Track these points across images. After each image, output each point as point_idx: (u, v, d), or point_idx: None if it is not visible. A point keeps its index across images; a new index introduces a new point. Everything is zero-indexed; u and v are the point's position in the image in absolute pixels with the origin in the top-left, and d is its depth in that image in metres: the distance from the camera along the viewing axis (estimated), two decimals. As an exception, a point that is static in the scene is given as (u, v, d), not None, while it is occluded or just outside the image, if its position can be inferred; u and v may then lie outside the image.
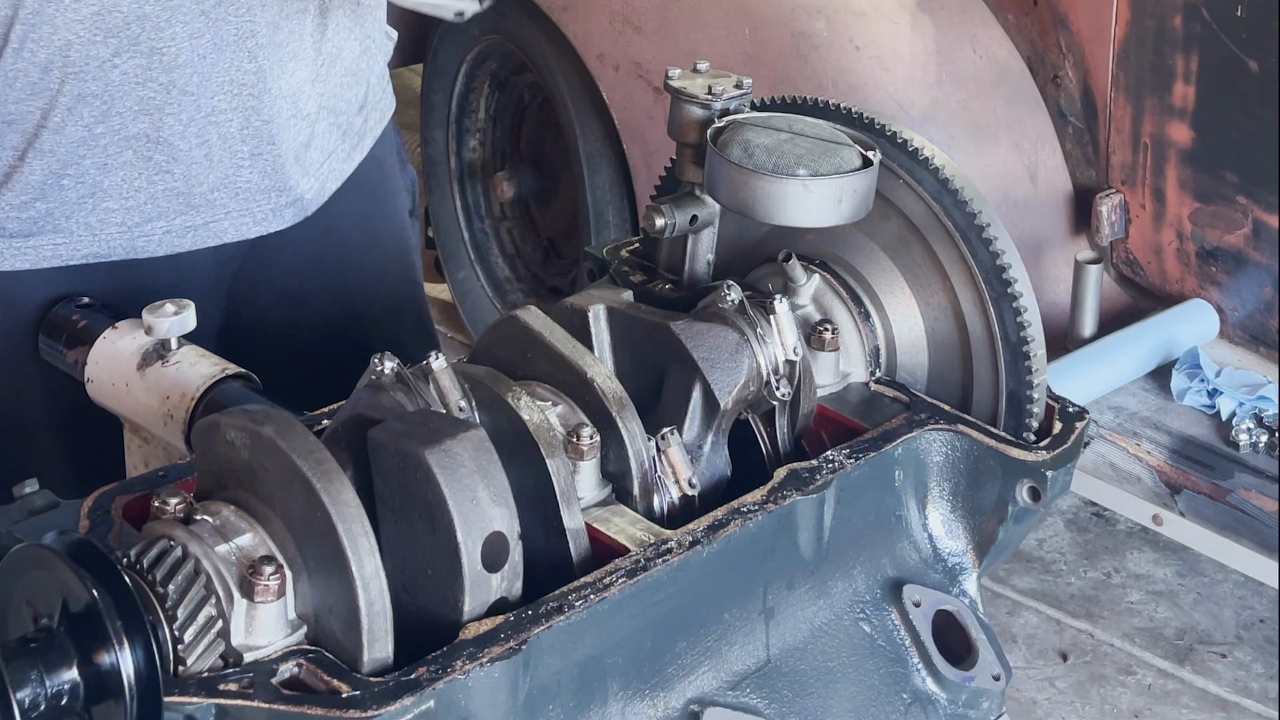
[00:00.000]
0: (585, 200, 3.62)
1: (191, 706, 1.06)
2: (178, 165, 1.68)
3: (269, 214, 1.76)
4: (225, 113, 1.69)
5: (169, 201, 1.70)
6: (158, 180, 1.68)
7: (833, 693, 1.31)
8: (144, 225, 1.70)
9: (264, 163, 1.73)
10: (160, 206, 1.70)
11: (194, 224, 1.72)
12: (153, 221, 1.70)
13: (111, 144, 1.65)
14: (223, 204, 1.73)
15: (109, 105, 1.63)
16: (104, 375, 1.61)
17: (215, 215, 1.73)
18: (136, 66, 1.63)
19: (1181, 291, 3.15)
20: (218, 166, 1.70)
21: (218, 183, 1.71)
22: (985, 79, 3.22)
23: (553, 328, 1.33)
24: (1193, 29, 2.94)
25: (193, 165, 1.69)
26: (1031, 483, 1.37)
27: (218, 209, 1.72)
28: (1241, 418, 2.93)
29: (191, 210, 1.71)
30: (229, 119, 1.69)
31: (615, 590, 1.17)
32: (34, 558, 1.09)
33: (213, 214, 1.72)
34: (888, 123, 1.41)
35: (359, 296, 1.91)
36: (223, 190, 1.72)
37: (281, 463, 1.11)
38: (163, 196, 1.69)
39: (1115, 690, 3.13)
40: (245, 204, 1.74)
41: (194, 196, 1.70)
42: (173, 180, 1.69)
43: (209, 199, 1.71)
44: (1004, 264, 1.38)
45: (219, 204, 1.72)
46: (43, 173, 1.65)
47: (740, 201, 1.35)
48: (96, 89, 1.63)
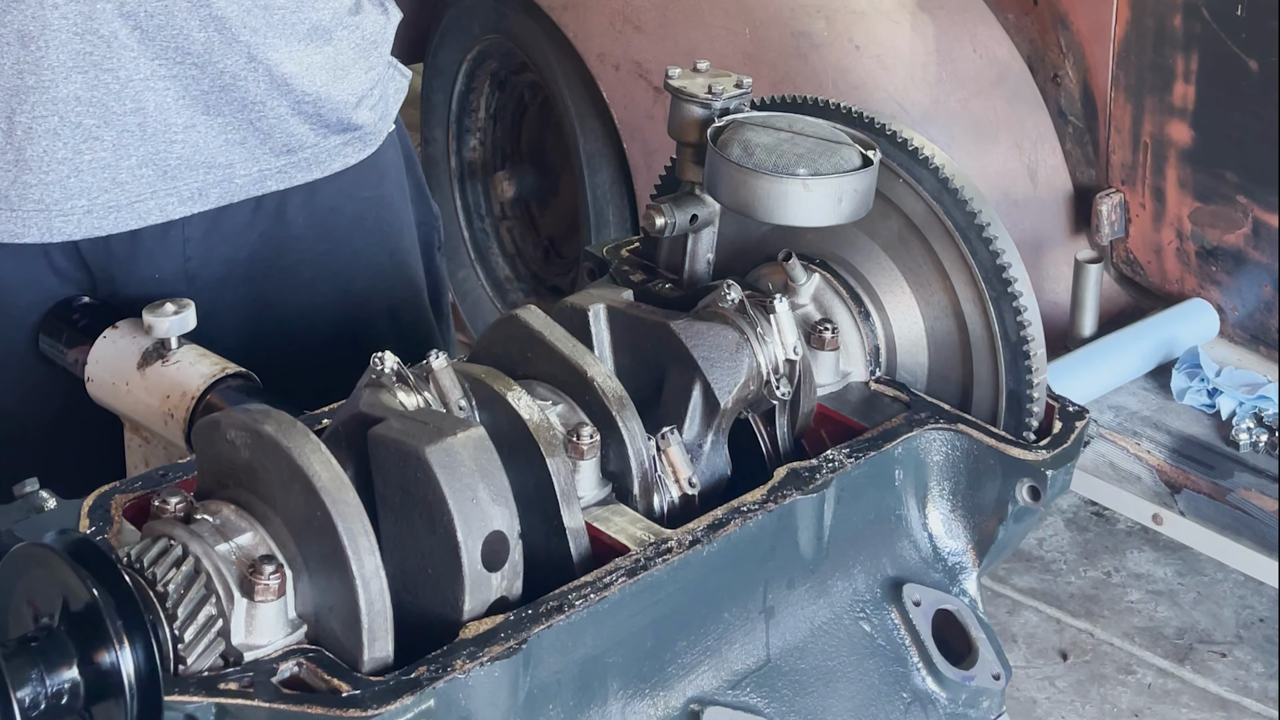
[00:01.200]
0: (585, 200, 3.62)
1: (192, 705, 1.06)
2: (108, 132, 1.61)
3: (195, 193, 1.68)
4: (165, 80, 1.61)
5: (94, 176, 1.62)
6: (84, 150, 1.61)
7: (833, 692, 1.31)
8: (64, 203, 1.62)
9: (197, 135, 1.65)
10: (84, 181, 1.62)
11: (117, 203, 1.64)
12: (74, 199, 1.63)
13: (40, 102, 1.58)
14: (148, 181, 1.65)
15: (43, 53, 1.56)
16: (104, 374, 1.61)
17: (140, 194, 1.65)
18: (77, 13, 1.56)
19: (1181, 291, 3.15)
20: (150, 139, 1.63)
21: (147, 157, 1.63)
22: (985, 79, 3.22)
23: (553, 327, 1.33)
24: (1193, 29, 2.94)
25: (124, 134, 1.61)
26: (1031, 482, 1.37)
27: (143, 186, 1.65)
28: (1241, 417, 2.93)
29: (116, 188, 1.63)
30: (168, 86, 1.62)
31: (615, 589, 1.17)
32: (34, 557, 1.09)
33: (138, 192, 1.65)
34: (888, 122, 1.42)
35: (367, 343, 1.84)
36: (150, 166, 1.64)
37: (282, 462, 1.11)
38: (87, 169, 1.62)
39: (1115, 690, 3.13)
40: (172, 183, 1.66)
41: (120, 171, 1.63)
42: (100, 150, 1.61)
43: (135, 174, 1.64)
44: (1004, 264, 1.38)
45: (144, 181, 1.64)
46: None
47: (740, 201, 1.35)
48: (33, 29, 1.55)
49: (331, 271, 1.83)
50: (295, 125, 1.72)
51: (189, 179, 1.67)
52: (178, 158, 1.66)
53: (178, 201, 1.68)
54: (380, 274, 1.89)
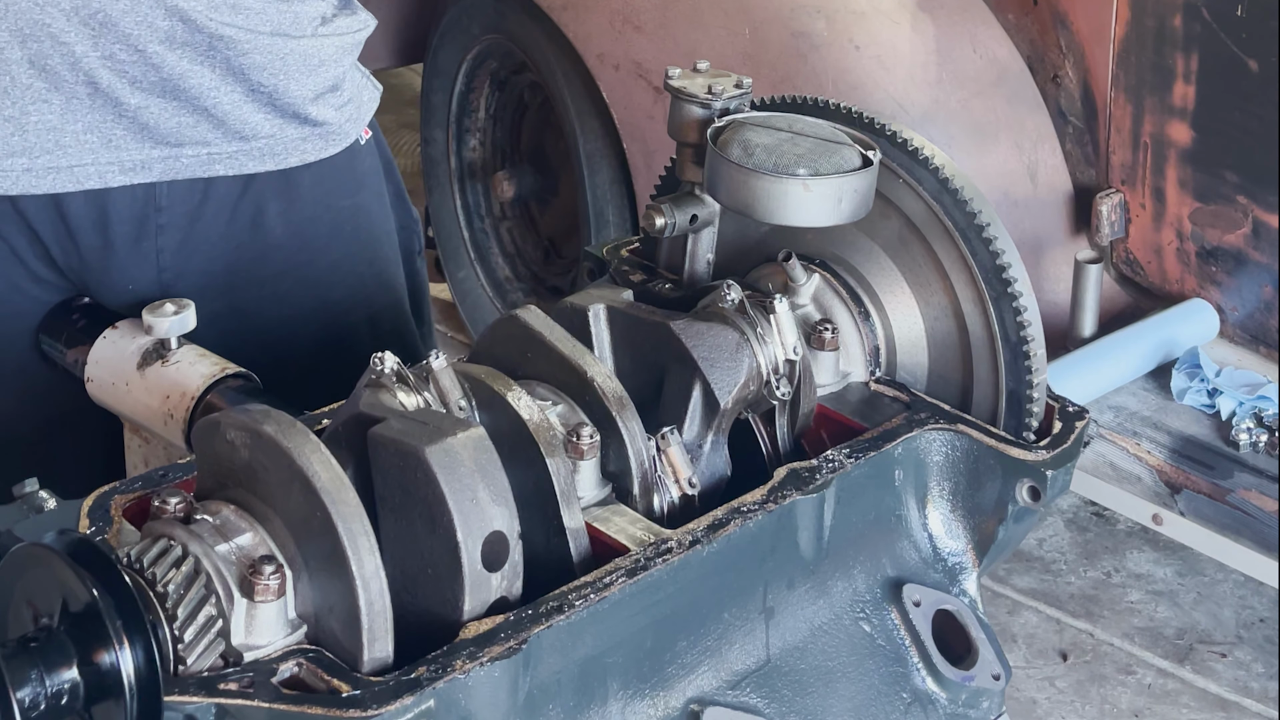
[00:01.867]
0: (585, 200, 3.62)
1: (191, 706, 1.06)
2: (57, 97, 1.61)
3: (137, 165, 1.67)
4: (123, 63, 1.61)
5: (38, 136, 1.62)
6: (32, 111, 1.61)
7: (833, 692, 1.31)
8: (4, 160, 1.62)
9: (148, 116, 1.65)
10: (27, 141, 1.62)
11: (57, 165, 1.63)
12: (15, 156, 1.62)
13: None
14: (91, 148, 1.64)
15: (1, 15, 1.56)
16: (104, 375, 1.61)
17: (82, 159, 1.64)
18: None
19: (1181, 291, 3.15)
20: (98, 110, 1.62)
21: (93, 124, 1.63)
22: (985, 79, 3.22)
23: (553, 327, 1.33)
24: (1193, 29, 2.94)
25: (73, 100, 1.61)
26: (1031, 482, 1.37)
27: (85, 152, 1.64)
28: (1241, 417, 2.93)
29: (59, 149, 1.63)
30: (124, 69, 1.61)
31: (615, 590, 1.17)
32: (34, 557, 1.09)
33: (80, 157, 1.64)
34: (888, 122, 1.42)
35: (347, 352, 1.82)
36: (95, 134, 1.64)
37: (282, 462, 1.11)
38: (33, 130, 1.62)
39: (1115, 690, 3.13)
40: (115, 153, 1.65)
41: (65, 134, 1.62)
42: (48, 112, 1.61)
43: (80, 139, 1.63)
44: (1004, 264, 1.38)
45: (88, 147, 1.64)
46: None
47: (740, 201, 1.35)
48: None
49: (310, 281, 1.82)
50: (250, 113, 1.71)
51: (133, 151, 1.67)
52: (124, 130, 1.65)
53: (118, 170, 1.67)
54: (360, 283, 1.87)
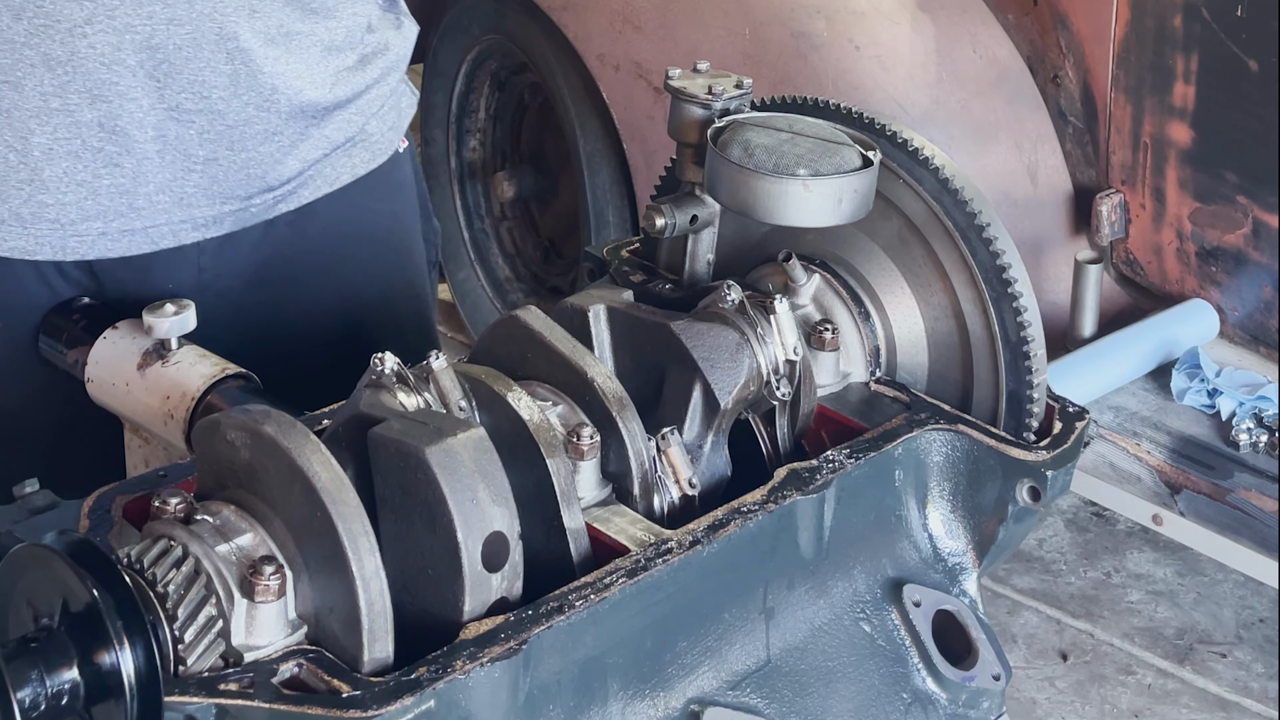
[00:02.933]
0: (585, 200, 3.62)
1: (192, 706, 1.06)
2: (129, 159, 1.61)
3: (210, 220, 1.68)
4: (190, 113, 1.61)
5: (111, 200, 1.62)
6: (104, 175, 1.61)
7: (833, 692, 1.31)
8: (79, 224, 1.63)
9: (217, 169, 1.65)
10: (101, 205, 1.62)
11: (132, 227, 1.64)
12: (89, 221, 1.63)
13: (61, 125, 1.58)
14: (164, 208, 1.65)
15: (69, 78, 1.56)
16: (104, 375, 1.61)
17: (155, 220, 1.65)
18: (105, 42, 1.55)
19: (1181, 291, 3.15)
20: (168, 166, 1.63)
21: (164, 184, 1.63)
22: (985, 79, 3.22)
23: (553, 328, 1.33)
24: (1193, 29, 2.94)
25: (144, 161, 1.61)
26: (1031, 482, 1.37)
27: (159, 213, 1.65)
28: (1241, 418, 2.93)
29: (133, 212, 1.64)
30: (191, 119, 1.62)
31: (615, 590, 1.17)
32: (34, 557, 1.09)
33: (153, 218, 1.65)
34: (888, 123, 1.42)
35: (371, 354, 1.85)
36: (167, 193, 1.64)
37: (282, 462, 1.11)
38: (105, 194, 1.62)
39: (1115, 690, 3.13)
40: (188, 210, 1.66)
41: (138, 197, 1.63)
42: (120, 176, 1.61)
43: (152, 200, 1.64)
44: (1004, 264, 1.38)
45: (160, 207, 1.64)
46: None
47: (740, 201, 1.35)
48: (62, 54, 1.55)
49: (343, 283, 1.83)
50: (307, 149, 1.72)
51: (204, 207, 1.68)
52: (194, 186, 1.66)
53: (191, 228, 1.68)
54: (390, 288, 1.88)
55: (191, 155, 1.64)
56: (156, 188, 1.64)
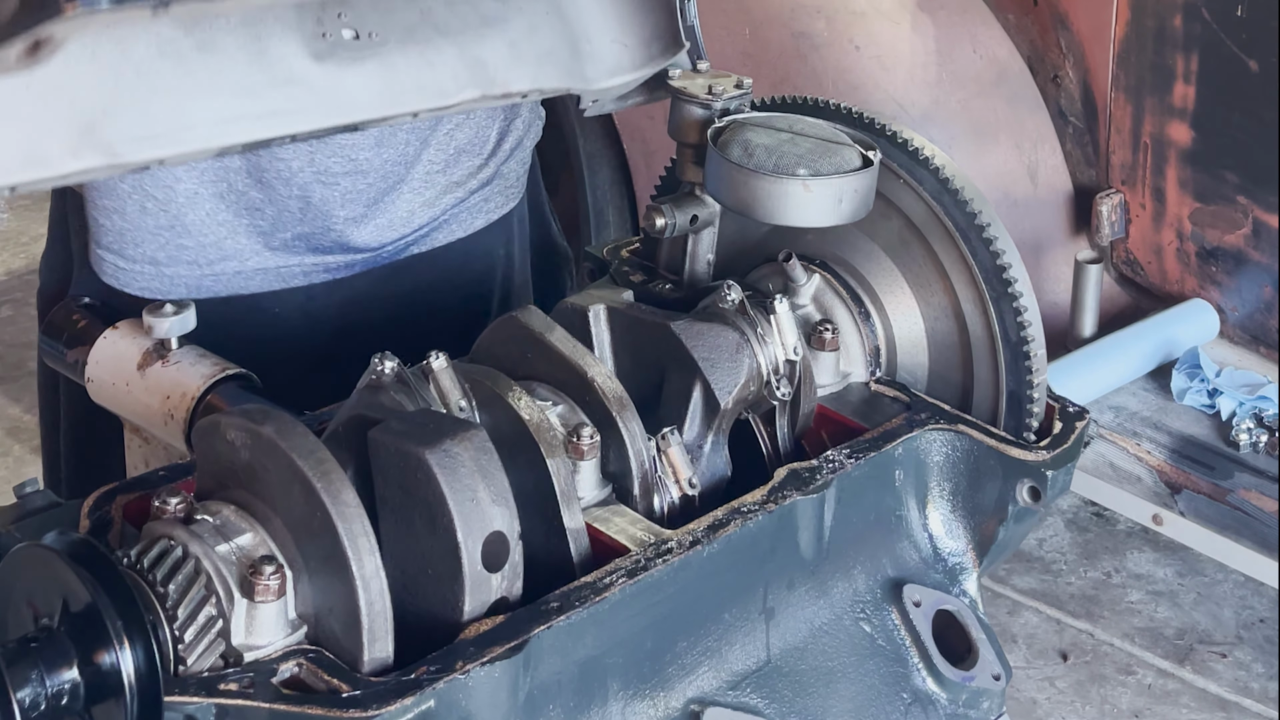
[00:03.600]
0: (585, 200, 3.62)
1: (192, 706, 1.06)
2: (271, 208, 1.63)
3: (341, 266, 1.70)
4: (336, 175, 1.63)
5: (249, 240, 1.65)
6: (244, 217, 1.63)
7: (833, 692, 1.31)
8: (216, 264, 1.65)
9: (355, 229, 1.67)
10: (239, 244, 1.65)
11: (266, 266, 1.67)
12: (227, 260, 1.65)
13: (209, 169, 1.60)
14: (299, 254, 1.67)
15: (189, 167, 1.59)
16: (104, 375, 1.61)
17: (289, 260, 1.67)
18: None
19: (1181, 291, 3.15)
20: (309, 221, 1.65)
21: (303, 234, 1.66)
22: (985, 79, 3.22)
23: (553, 327, 1.33)
24: (1193, 29, 2.94)
25: (284, 213, 1.64)
26: (1031, 482, 1.37)
27: (294, 257, 1.67)
28: (1241, 418, 2.93)
29: (269, 252, 1.66)
30: (337, 180, 1.64)
31: (615, 590, 1.17)
32: (35, 557, 1.09)
33: (285, 260, 1.67)
34: (888, 123, 1.42)
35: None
36: (305, 242, 1.66)
37: (282, 463, 1.11)
38: (245, 233, 1.64)
39: (1115, 690, 3.13)
40: (322, 258, 1.68)
41: (274, 240, 1.65)
42: (260, 220, 1.64)
43: (289, 245, 1.66)
44: (1004, 264, 1.38)
45: (294, 250, 1.67)
46: (131, 185, 1.60)
47: (740, 201, 1.35)
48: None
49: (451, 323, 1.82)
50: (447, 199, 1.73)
51: (340, 257, 1.70)
52: (333, 241, 1.68)
53: (322, 270, 1.70)
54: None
55: (333, 215, 1.65)
56: (294, 235, 1.66)
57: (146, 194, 1.61)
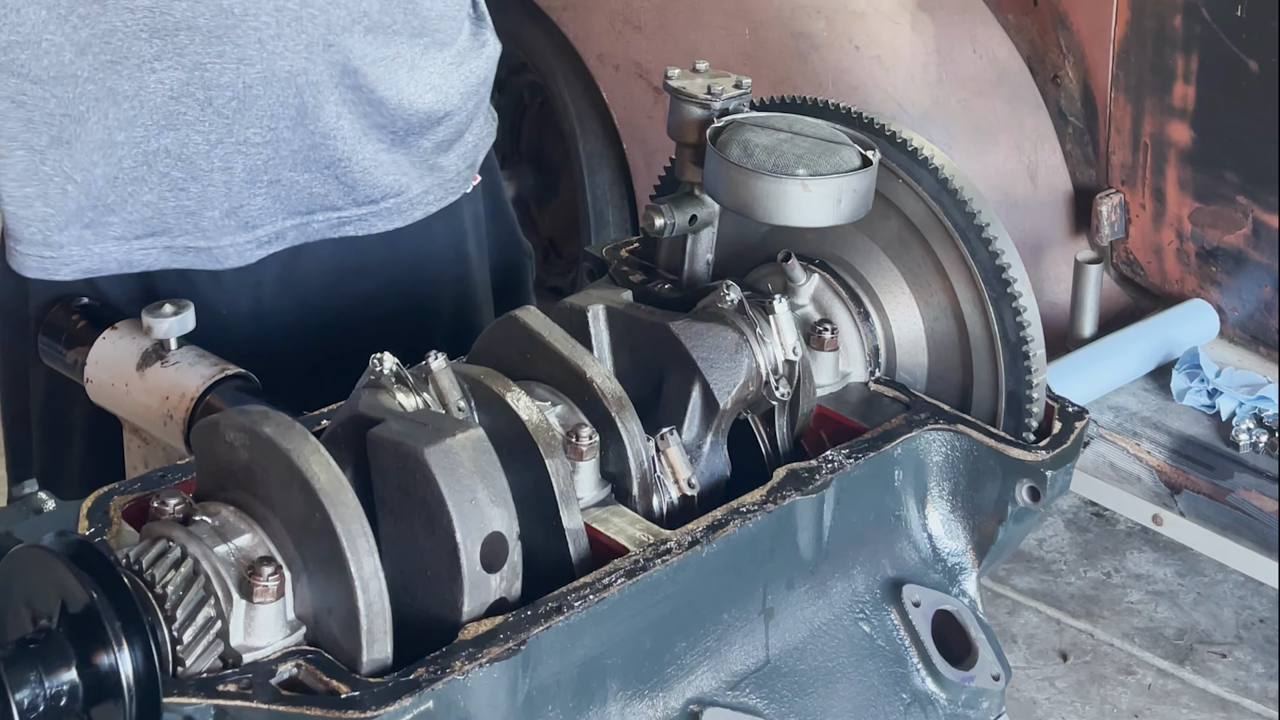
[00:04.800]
0: (585, 200, 3.62)
1: (190, 707, 1.06)
2: (194, 185, 1.62)
3: (272, 237, 1.68)
4: (257, 145, 1.62)
5: (176, 219, 1.63)
6: (169, 197, 1.62)
7: (832, 693, 1.31)
8: (145, 239, 1.64)
9: (281, 190, 1.66)
10: (166, 222, 1.63)
11: (196, 245, 1.65)
12: (155, 236, 1.64)
13: (127, 157, 1.59)
14: (229, 230, 1.65)
15: (136, 113, 1.57)
16: (103, 375, 1.61)
17: (220, 240, 1.65)
18: (174, 78, 1.56)
19: (1181, 291, 3.15)
20: (234, 195, 1.63)
21: (230, 210, 1.64)
22: (985, 79, 3.22)
23: (552, 328, 1.33)
24: (1193, 29, 2.94)
25: (209, 188, 1.62)
26: (1031, 482, 1.37)
27: (223, 234, 1.65)
28: (1241, 418, 2.93)
29: (198, 231, 1.64)
30: (259, 151, 1.62)
31: (614, 590, 1.17)
32: (33, 559, 1.09)
33: (218, 239, 1.65)
34: (887, 123, 1.41)
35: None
36: (233, 218, 1.65)
37: (280, 463, 1.11)
38: (171, 213, 1.63)
39: (1115, 690, 3.13)
40: (252, 232, 1.66)
41: (202, 219, 1.64)
42: (185, 199, 1.62)
43: (218, 224, 1.64)
44: (1004, 264, 1.38)
45: (225, 230, 1.65)
46: (53, 166, 1.58)
47: (740, 201, 1.35)
48: (128, 89, 1.56)
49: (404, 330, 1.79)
50: (380, 176, 1.71)
51: (268, 225, 1.68)
52: (259, 209, 1.66)
53: (255, 246, 1.68)
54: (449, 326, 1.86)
55: (256, 181, 1.64)
56: (223, 213, 1.64)
57: (68, 176, 1.59)
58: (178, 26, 1.54)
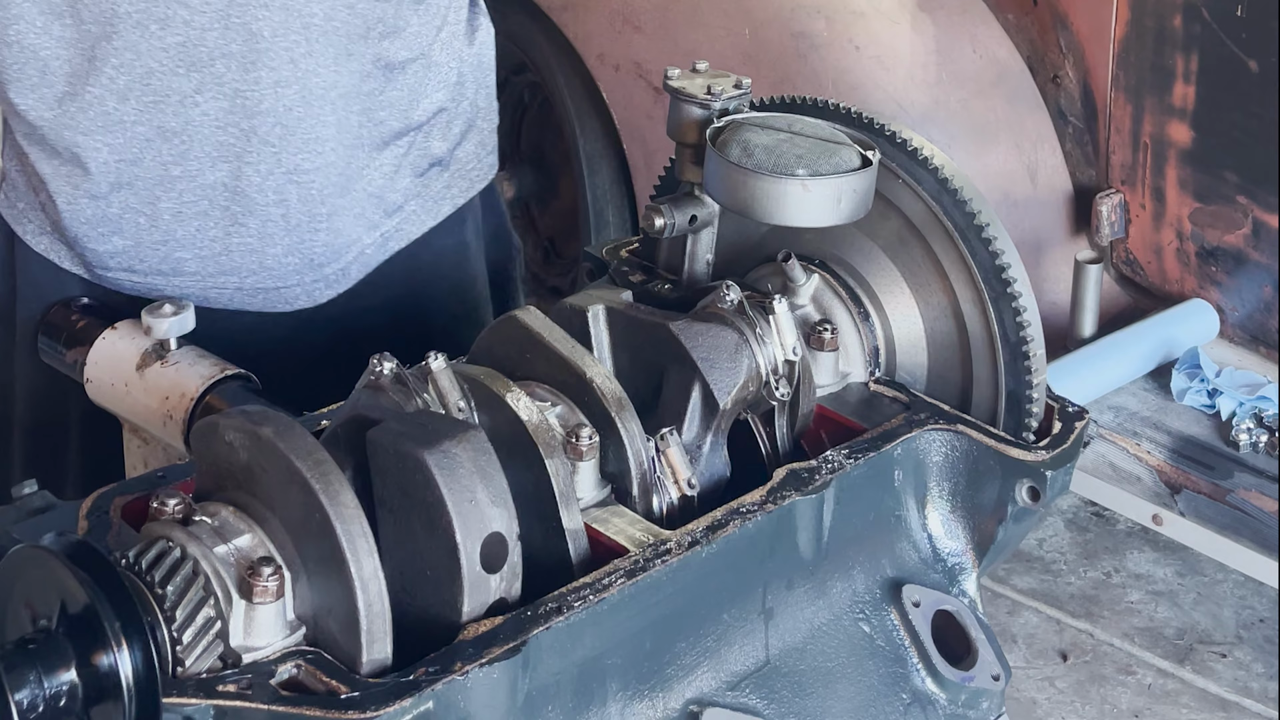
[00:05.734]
0: (585, 200, 3.62)
1: (190, 708, 1.06)
2: (253, 220, 1.63)
3: (338, 275, 1.70)
4: (308, 171, 1.62)
5: (243, 258, 1.65)
6: (233, 232, 1.63)
7: (832, 693, 1.31)
8: (217, 277, 1.66)
9: (340, 223, 1.66)
10: (235, 261, 1.65)
11: (265, 286, 1.67)
12: (226, 275, 1.66)
13: (187, 189, 1.60)
14: (295, 270, 1.66)
15: (188, 146, 1.58)
16: (103, 375, 1.61)
17: (287, 281, 1.67)
18: (218, 108, 1.57)
19: (1181, 291, 3.15)
20: (294, 230, 1.64)
21: (291, 246, 1.65)
22: (985, 79, 3.22)
23: (552, 328, 1.33)
24: (1193, 29, 2.94)
25: (268, 223, 1.63)
26: (1031, 482, 1.37)
27: (289, 275, 1.67)
28: (1241, 418, 2.93)
29: (264, 271, 1.66)
30: (310, 178, 1.63)
31: (614, 591, 1.17)
32: (33, 559, 1.09)
33: (284, 279, 1.67)
34: (887, 123, 1.41)
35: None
36: (295, 255, 1.66)
37: (280, 464, 1.11)
38: (237, 251, 1.64)
39: (1115, 690, 3.13)
40: (319, 271, 1.68)
41: (266, 257, 1.65)
42: (247, 235, 1.63)
43: (281, 263, 1.66)
44: (1004, 264, 1.38)
45: (291, 270, 1.66)
46: (120, 206, 1.61)
47: (739, 201, 1.35)
48: (176, 125, 1.57)
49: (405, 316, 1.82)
50: (404, 181, 1.73)
51: (333, 264, 1.69)
52: (323, 245, 1.67)
53: (324, 286, 1.70)
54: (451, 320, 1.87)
55: (315, 213, 1.65)
56: (284, 250, 1.65)
57: (137, 211, 1.62)
58: (212, 56, 1.55)
